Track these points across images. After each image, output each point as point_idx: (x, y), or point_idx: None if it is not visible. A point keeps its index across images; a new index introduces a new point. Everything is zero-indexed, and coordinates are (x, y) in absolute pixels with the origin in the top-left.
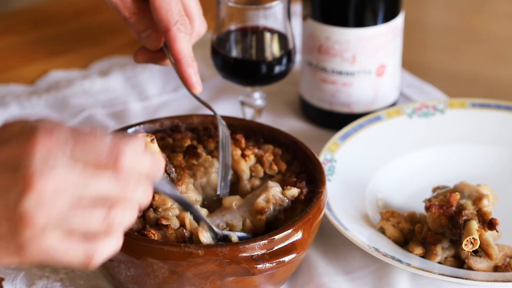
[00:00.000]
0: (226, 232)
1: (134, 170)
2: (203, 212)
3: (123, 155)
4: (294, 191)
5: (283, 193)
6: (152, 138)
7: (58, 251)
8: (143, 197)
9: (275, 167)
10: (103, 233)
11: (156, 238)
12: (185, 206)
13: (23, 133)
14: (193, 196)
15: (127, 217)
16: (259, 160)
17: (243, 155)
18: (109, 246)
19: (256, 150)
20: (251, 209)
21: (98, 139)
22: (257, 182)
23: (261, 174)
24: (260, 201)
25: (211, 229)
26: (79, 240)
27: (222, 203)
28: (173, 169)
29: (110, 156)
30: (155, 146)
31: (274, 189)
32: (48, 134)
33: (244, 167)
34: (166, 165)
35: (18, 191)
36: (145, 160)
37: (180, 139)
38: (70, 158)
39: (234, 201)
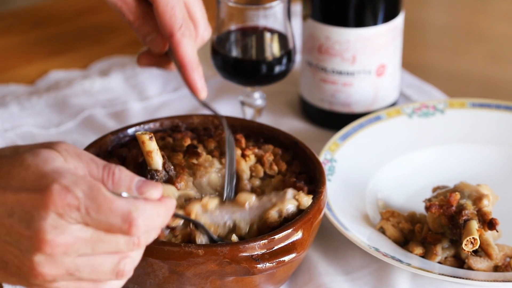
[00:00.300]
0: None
1: (147, 232)
2: (213, 203)
3: (136, 223)
4: (308, 201)
5: (298, 205)
6: (150, 135)
7: (81, 268)
8: (152, 239)
9: (275, 167)
10: (112, 277)
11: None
12: (186, 219)
13: (38, 183)
14: (193, 193)
15: (136, 261)
16: (259, 160)
17: (243, 155)
18: (136, 255)
19: (256, 150)
20: (262, 216)
21: (113, 204)
22: (257, 182)
23: (261, 174)
24: (273, 214)
25: (208, 235)
26: (88, 284)
27: (237, 198)
28: (172, 167)
29: (123, 223)
30: (153, 144)
31: (290, 203)
32: (63, 194)
33: (244, 167)
34: (165, 163)
35: (30, 245)
36: (158, 221)
37: (180, 139)
38: (83, 220)
39: (248, 200)
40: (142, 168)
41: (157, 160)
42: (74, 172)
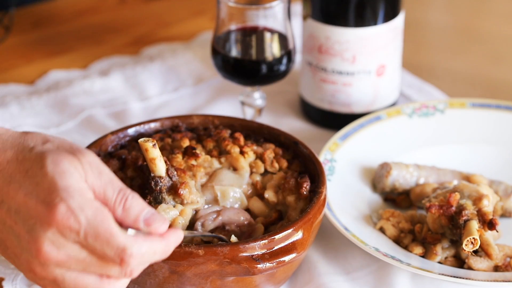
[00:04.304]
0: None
1: (140, 265)
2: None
3: (128, 260)
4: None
5: None
6: (153, 143)
7: (68, 282)
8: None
9: (276, 165)
10: (119, 278)
11: None
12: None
13: (49, 196)
14: (195, 198)
15: (122, 287)
16: (260, 157)
17: (242, 152)
18: (121, 284)
19: (255, 148)
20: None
21: (112, 237)
22: (257, 177)
23: (262, 170)
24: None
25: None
26: (89, 276)
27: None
28: (175, 173)
29: (116, 257)
30: (156, 151)
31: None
32: (67, 216)
33: (243, 163)
34: (168, 169)
35: (28, 249)
36: (154, 258)
37: (178, 140)
38: (80, 242)
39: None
40: (142, 171)
41: (160, 167)
42: (85, 194)
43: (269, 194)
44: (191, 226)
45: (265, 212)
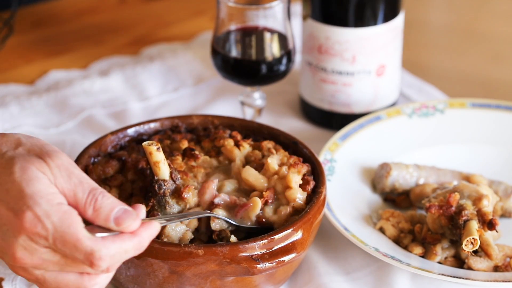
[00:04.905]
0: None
1: (113, 264)
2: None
3: (98, 263)
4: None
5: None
6: (157, 146)
7: (49, 281)
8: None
9: (273, 151)
10: (97, 273)
11: None
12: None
13: (17, 203)
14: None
15: (104, 283)
16: (258, 148)
17: (237, 145)
18: (102, 279)
19: (252, 142)
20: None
21: (78, 242)
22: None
23: (260, 156)
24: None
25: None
26: (70, 273)
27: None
28: (179, 176)
29: (85, 260)
30: (160, 154)
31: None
32: (34, 223)
33: (237, 154)
34: (171, 173)
35: (6, 253)
36: (125, 256)
37: (177, 142)
38: (51, 247)
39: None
40: (143, 174)
41: (164, 170)
42: (52, 200)
43: (272, 160)
44: None
45: (261, 185)
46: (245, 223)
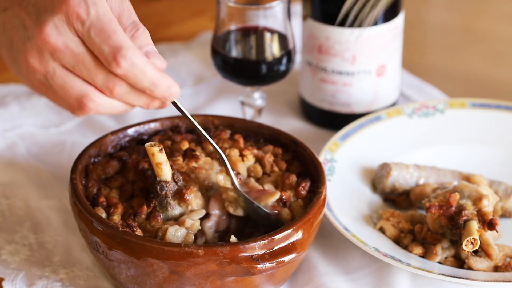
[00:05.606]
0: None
1: (124, 81)
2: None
3: (121, 62)
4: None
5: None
6: (160, 147)
7: (57, 77)
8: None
9: (276, 169)
10: (73, 106)
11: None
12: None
13: None
14: (200, 204)
15: (100, 107)
16: (259, 161)
17: (241, 155)
18: (105, 102)
19: (255, 151)
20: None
21: (114, 34)
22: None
23: (260, 174)
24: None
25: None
26: (78, 79)
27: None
28: (181, 178)
29: (110, 54)
30: (163, 156)
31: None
32: (79, 4)
33: (241, 168)
34: (173, 174)
35: (31, 36)
36: (140, 79)
37: (178, 143)
38: (82, 35)
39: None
40: (143, 175)
41: (166, 171)
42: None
43: (268, 186)
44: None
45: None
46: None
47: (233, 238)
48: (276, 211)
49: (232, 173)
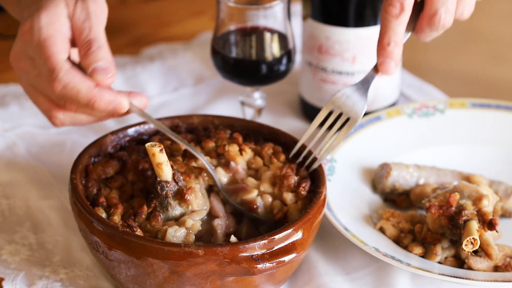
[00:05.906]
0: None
1: (67, 96)
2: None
3: (55, 84)
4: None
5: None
6: (161, 148)
7: (28, 93)
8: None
9: (275, 160)
10: (59, 107)
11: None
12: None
13: (29, 14)
14: (201, 204)
15: (64, 121)
16: (258, 154)
17: (240, 150)
18: (67, 117)
19: (253, 146)
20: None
21: (52, 57)
22: (253, 172)
23: (261, 164)
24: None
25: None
26: (43, 96)
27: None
28: (181, 178)
29: (48, 74)
30: (163, 156)
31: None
32: (27, 30)
33: (240, 161)
34: (174, 174)
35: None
36: (77, 97)
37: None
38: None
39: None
40: (143, 175)
41: (167, 171)
42: (54, 23)
43: (264, 187)
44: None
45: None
46: (232, 199)
47: (233, 238)
48: (254, 207)
49: (212, 172)
